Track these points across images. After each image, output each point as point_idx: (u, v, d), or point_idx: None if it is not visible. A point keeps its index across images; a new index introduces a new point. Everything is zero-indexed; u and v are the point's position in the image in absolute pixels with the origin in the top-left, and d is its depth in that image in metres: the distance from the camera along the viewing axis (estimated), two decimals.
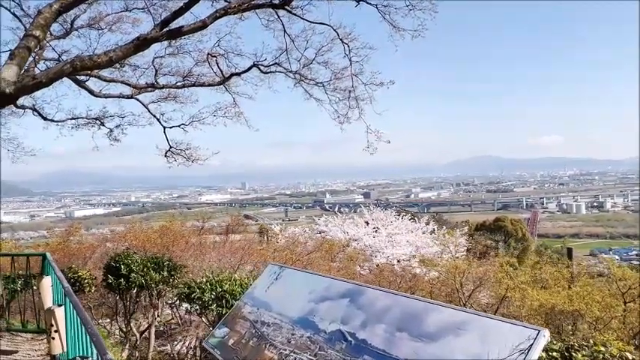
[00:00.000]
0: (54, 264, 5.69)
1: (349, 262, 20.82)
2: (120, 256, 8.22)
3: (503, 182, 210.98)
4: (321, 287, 4.39)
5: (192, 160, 10.46)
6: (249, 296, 5.16)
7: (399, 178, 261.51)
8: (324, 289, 4.32)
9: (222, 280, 6.45)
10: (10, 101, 6.54)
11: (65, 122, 10.63)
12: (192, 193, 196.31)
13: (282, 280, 4.98)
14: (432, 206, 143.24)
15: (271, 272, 5.25)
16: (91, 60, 6.47)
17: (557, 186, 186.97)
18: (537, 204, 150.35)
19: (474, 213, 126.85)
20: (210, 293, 6.27)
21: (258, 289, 5.13)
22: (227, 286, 6.25)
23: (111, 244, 14.69)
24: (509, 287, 10.77)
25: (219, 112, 10.44)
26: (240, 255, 12.50)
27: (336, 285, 4.29)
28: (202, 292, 6.33)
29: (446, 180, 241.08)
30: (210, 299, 6.18)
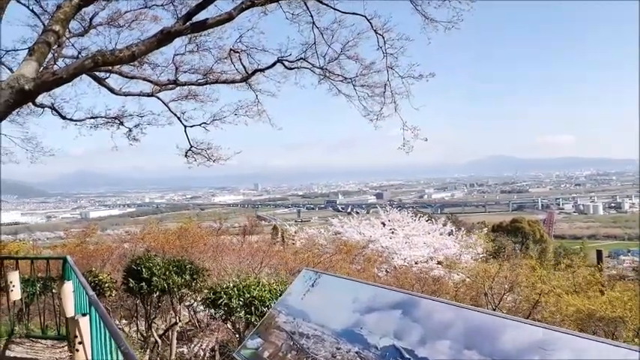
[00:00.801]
0: (75, 268, 5.40)
1: (367, 264, 20.40)
2: (141, 259, 7.94)
3: (517, 183, 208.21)
4: (365, 296, 4.01)
5: (214, 160, 10.16)
6: (283, 304, 4.80)
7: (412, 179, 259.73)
8: (370, 298, 3.93)
9: (250, 286, 6.11)
10: (30, 98, 6.31)
11: (84, 121, 10.43)
12: (206, 194, 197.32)
13: (320, 287, 4.61)
14: (445, 207, 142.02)
15: (306, 278, 4.88)
16: (113, 55, 6.19)
17: (574, 186, 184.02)
18: (553, 205, 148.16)
19: (489, 214, 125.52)
20: (238, 299, 5.93)
21: (293, 297, 4.77)
22: (256, 291, 5.90)
23: (129, 245, 14.50)
24: (543, 292, 10.27)
25: (240, 110, 10.14)
26: (260, 257, 12.18)
27: (383, 294, 3.91)
28: (229, 297, 6.00)
29: (459, 181, 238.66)
30: (238, 306, 5.85)
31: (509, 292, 11.18)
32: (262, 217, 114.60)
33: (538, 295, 10.43)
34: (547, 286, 10.39)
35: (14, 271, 6.46)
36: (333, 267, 12.75)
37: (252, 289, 6.03)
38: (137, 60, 6.55)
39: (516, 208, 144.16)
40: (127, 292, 8.60)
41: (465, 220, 74.92)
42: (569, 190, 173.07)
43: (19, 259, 7.11)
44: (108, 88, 9.05)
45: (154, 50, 6.45)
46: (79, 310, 5.09)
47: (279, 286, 6.21)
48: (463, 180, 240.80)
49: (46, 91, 6.56)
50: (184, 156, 10.42)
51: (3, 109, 6.19)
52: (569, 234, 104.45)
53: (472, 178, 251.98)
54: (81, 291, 5.10)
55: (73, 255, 13.58)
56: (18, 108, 7.71)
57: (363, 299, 3.98)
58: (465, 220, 74.92)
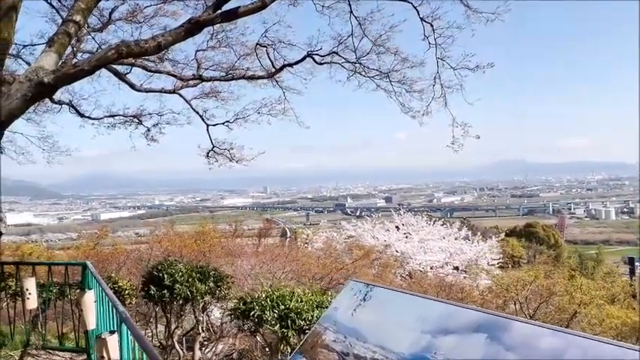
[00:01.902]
0: (98, 276, 4.94)
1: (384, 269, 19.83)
2: (162, 265, 7.48)
3: (528, 187, 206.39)
4: (433, 314, 3.48)
5: (237, 161, 9.69)
6: (329, 319, 4.28)
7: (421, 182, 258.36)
8: (441, 317, 3.41)
9: (284, 296, 5.60)
10: (49, 92, 5.89)
11: (102, 120, 10.03)
12: (215, 197, 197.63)
13: (373, 301, 4.09)
14: (455, 211, 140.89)
15: (355, 291, 4.36)
16: (138, 45, 5.74)
17: (585, 191, 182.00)
18: (564, 209, 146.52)
19: (499, 218, 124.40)
20: (272, 311, 5.43)
21: (341, 311, 4.25)
22: (292, 303, 5.39)
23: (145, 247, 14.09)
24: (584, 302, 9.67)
25: (263, 108, 9.68)
26: (281, 262, 11.68)
27: (456, 312, 3.38)
28: (262, 309, 5.50)
29: (469, 184, 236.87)
30: (272, 319, 5.34)
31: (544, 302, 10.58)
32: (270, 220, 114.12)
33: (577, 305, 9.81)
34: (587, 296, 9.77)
35: (30, 277, 6.01)
36: (357, 273, 12.22)
37: (287, 300, 5.53)
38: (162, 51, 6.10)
39: (527, 212, 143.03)
40: (146, 298, 8.15)
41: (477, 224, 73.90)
42: (581, 195, 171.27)
43: (35, 264, 6.69)
44: (128, 84, 8.64)
45: (181, 41, 6.00)
46: (102, 324, 4.63)
47: (315, 297, 5.70)
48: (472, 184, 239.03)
49: (67, 85, 6.12)
50: (205, 156, 9.98)
51: (21, 103, 5.77)
52: (580, 239, 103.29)
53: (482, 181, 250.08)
54: (104, 301, 4.64)
55: (88, 258, 13.22)
56: (36, 103, 7.32)
57: (430, 317, 3.45)
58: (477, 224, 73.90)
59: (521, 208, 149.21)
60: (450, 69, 6.53)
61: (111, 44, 5.80)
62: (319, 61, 7.96)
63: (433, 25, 6.37)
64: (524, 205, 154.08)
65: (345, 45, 7.48)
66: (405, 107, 7.61)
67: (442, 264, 32.43)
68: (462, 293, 13.60)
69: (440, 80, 6.80)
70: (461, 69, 6.50)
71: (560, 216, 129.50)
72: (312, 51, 7.82)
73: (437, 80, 6.82)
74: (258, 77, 8.59)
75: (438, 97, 6.95)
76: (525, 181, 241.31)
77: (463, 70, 6.46)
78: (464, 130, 6.95)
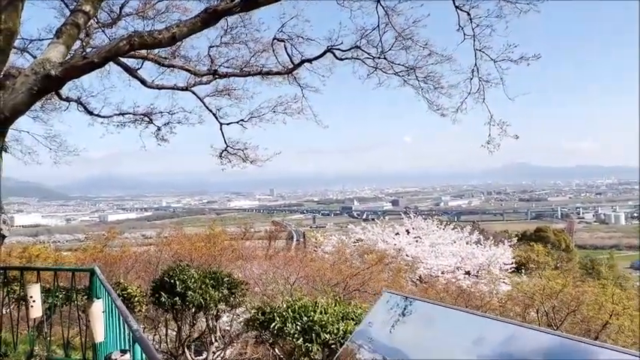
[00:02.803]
0: (107, 284, 4.53)
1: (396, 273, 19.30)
2: (174, 271, 7.07)
3: (536, 191, 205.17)
4: (490, 335, 3.03)
5: (251, 162, 9.27)
6: (363, 336, 3.84)
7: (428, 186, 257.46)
8: (499, 336, 2.95)
9: (307, 307, 5.16)
10: (56, 86, 5.52)
11: (111, 118, 9.66)
12: (222, 199, 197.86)
13: (414, 316, 3.64)
14: (462, 214, 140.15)
15: (391, 304, 3.91)
16: (151, 36, 5.34)
17: (595, 195, 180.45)
18: (573, 214, 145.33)
19: (507, 222, 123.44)
20: (294, 323, 4.99)
21: (378, 328, 3.80)
22: (317, 315, 4.95)
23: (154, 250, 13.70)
24: (616, 312, 9.14)
25: (279, 107, 9.26)
26: (294, 267, 11.23)
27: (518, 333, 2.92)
28: (283, 321, 5.06)
29: (476, 188, 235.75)
30: (295, 331, 4.90)
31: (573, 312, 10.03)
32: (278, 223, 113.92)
33: (609, 315, 9.27)
34: (619, 306, 9.23)
35: (35, 283, 5.62)
36: (372, 279, 11.75)
37: (310, 311, 5.08)
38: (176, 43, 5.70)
39: (535, 216, 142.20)
40: (156, 305, 7.74)
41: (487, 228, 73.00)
42: (590, 199, 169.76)
43: (41, 269, 6.29)
44: (140, 80, 8.26)
45: (196, 32, 5.60)
46: (111, 338, 4.22)
47: (339, 308, 5.26)
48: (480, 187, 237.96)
49: (75, 78, 5.74)
50: (218, 157, 9.57)
51: (26, 98, 5.40)
52: (590, 244, 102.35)
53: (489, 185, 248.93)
54: (114, 312, 4.24)
55: (96, 261, 12.86)
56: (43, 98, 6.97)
57: (488, 337, 3.00)
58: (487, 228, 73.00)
59: (529, 212, 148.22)
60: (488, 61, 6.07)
61: (122, 35, 5.41)
62: (340, 57, 7.54)
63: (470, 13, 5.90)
64: (533, 209, 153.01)
65: (369, 39, 7.06)
66: (434, 104, 7.15)
67: (453, 268, 31.83)
68: (481, 300, 13.05)
69: (478, 74, 6.31)
70: (502, 61, 6.02)
71: (569, 220, 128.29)
72: (332, 46, 7.39)
73: (475, 74, 6.34)
74: (276, 73, 8.18)
75: (474, 92, 6.48)
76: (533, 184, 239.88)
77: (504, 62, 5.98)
78: (501, 128, 6.45)
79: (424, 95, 7.12)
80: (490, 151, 6.60)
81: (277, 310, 5.30)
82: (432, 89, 7.05)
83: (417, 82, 7.11)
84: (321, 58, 7.72)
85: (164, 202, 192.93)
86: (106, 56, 5.27)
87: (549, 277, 10.60)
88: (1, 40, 5.60)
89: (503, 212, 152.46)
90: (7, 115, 5.43)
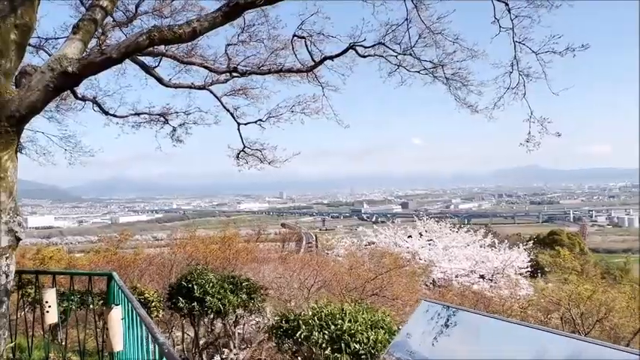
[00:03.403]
0: (126, 290, 4.30)
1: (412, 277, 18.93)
2: (192, 275, 6.84)
3: (548, 194, 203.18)
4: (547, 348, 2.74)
5: (270, 162, 9.03)
6: (401, 348, 3.56)
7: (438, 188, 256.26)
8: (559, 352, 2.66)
9: (334, 314, 4.88)
10: (74, 82, 5.31)
11: (126, 118, 9.49)
12: (232, 201, 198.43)
13: (460, 328, 3.35)
14: (472, 217, 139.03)
15: (431, 314, 3.63)
16: (171, 31, 5.11)
17: (607, 198, 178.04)
18: (586, 217, 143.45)
19: (518, 225, 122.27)
20: (321, 332, 4.71)
21: (418, 339, 3.52)
22: (346, 323, 4.67)
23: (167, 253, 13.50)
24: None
25: (296, 107, 9.01)
26: (310, 270, 10.94)
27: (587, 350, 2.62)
28: (310, 329, 4.79)
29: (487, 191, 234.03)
30: (322, 341, 4.62)
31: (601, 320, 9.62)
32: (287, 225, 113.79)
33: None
34: None
35: (51, 288, 5.41)
36: (392, 284, 11.42)
37: (338, 319, 4.80)
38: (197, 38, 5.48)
39: (546, 219, 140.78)
40: (172, 309, 7.53)
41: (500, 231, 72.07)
42: (603, 202, 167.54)
43: (57, 273, 6.09)
44: (156, 78, 8.07)
45: (217, 27, 5.35)
46: (131, 347, 3.98)
47: (367, 315, 4.98)
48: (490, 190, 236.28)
49: (93, 74, 5.54)
50: (235, 157, 9.33)
51: (43, 95, 5.20)
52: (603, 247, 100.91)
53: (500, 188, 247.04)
54: (135, 320, 4.00)
55: (109, 264, 12.72)
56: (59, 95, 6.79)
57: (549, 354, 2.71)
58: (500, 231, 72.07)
59: (541, 215, 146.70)
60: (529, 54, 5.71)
61: (142, 29, 5.19)
62: (362, 54, 7.27)
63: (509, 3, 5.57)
64: (544, 212, 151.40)
65: (395, 34, 6.76)
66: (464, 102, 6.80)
67: (467, 272, 31.33)
68: (502, 306, 12.67)
69: (518, 67, 5.96)
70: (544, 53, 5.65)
71: (581, 223, 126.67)
72: (355, 42, 7.12)
73: (514, 67, 5.99)
74: (296, 71, 7.93)
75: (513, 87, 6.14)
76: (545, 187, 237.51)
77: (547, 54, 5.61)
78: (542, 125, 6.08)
79: (452, 92, 6.82)
80: (529, 150, 6.23)
81: (302, 317, 5.02)
82: (460, 86, 6.77)
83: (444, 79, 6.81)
84: (342, 56, 7.45)
85: (174, 205, 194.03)
86: (125, 52, 5.06)
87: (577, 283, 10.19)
88: (18, 35, 5.41)
89: (515, 215, 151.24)
90: (23, 113, 5.24)
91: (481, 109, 6.70)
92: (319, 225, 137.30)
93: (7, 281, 5.11)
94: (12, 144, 5.27)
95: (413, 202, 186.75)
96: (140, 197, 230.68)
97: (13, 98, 5.19)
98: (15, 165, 5.38)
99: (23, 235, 5.34)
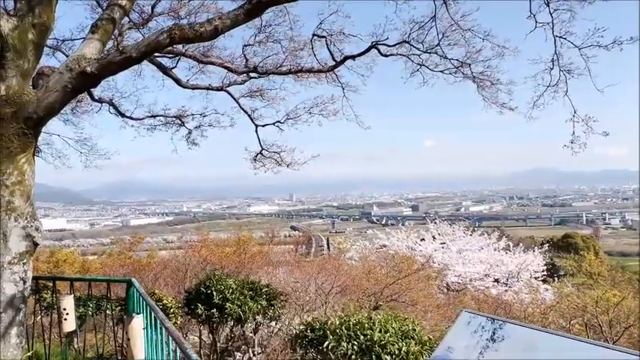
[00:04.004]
0: (148, 299, 4.11)
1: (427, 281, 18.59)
2: (210, 280, 6.65)
3: (560, 196, 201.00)
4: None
5: (288, 165, 8.82)
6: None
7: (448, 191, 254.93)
8: None
9: (363, 324, 4.65)
10: (92, 83, 5.17)
11: (142, 120, 9.35)
12: (241, 204, 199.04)
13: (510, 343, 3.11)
14: (483, 220, 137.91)
15: (474, 326, 3.39)
16: (192, 29, 4.95)
17: (621, 200, 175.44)
18: (599, 219, 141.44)
19: (529, 228, 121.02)
20: (350, 342, 4.49)
21: (460, 353, 3.28)
22: (376, 333, 4.44)
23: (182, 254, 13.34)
24: None
25: (315, 108, 8.81)
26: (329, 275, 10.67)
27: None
28: (338, 339, 4.56)
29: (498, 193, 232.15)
30: (352, 352, 4.40)
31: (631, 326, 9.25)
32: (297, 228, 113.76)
33: None
34: None
35: (68, 295, 5.25)
36: (412, 289, 11.13)
37: (367, 329, 4.57)
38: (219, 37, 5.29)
39: (559, 222, 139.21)
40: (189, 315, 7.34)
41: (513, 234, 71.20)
42: (616, 205, 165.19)
43: (74, 280, 5.93)
44: (174, 79, 7.92)
45: (239, 25, 5.19)
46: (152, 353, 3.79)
47: (397, 324, 4.75)
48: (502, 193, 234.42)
49: (112, 75, 5.40)
50: (253, 160, 9.16)
51: (61, 96, 5.06)
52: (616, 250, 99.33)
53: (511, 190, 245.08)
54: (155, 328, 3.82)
55: (123, 267, 12.62)
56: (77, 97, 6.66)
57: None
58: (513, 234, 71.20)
59: (553, 218, 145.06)
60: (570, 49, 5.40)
61: (162, 27, 5.03)
62: (385, 53, 7.04)
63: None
64: (556, 215, 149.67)
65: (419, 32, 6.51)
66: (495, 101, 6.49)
67: (482, 276, 30.84)
68: (524, 312, 12.29)
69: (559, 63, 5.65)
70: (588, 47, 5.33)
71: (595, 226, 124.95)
72: (377, 41, 6.89)
73: (555, 63, 5.68)
74: (317, 71, 7.72)
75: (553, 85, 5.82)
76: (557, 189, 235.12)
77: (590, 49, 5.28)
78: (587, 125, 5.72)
79: (481, 92, 6.54)
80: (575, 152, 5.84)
81: (329, 326, 4.80)
82: (488, 85, 6.50)
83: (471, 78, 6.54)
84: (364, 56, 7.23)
85: (184, 207, 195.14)
86: (145, 50, 4.90)
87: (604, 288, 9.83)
88: (36, 35, 5.29)
89: (526, 218, 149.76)
90: (41, 114, 5.10)
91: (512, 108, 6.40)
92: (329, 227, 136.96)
93: (25, 287, 4.96)
94: (30, 146, 5.13)
95: (423, 204, 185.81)
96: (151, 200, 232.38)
97: (31, 99, 5.06)
98: (32, 168, 5.23)
99: (40, 240, 5.19)
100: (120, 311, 6.29)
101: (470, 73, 6.54)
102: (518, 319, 12.11)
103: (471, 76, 6.56)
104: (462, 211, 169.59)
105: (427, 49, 6.75)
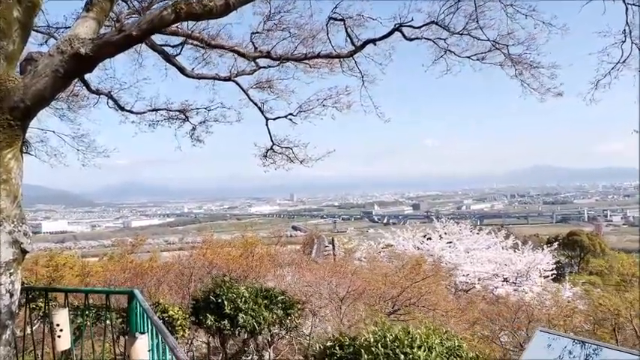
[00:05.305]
0: (153, 316, 3.48)
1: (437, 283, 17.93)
2: (221, 288, 6.01)
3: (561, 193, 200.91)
4: None
5: (301, 161, 8.17)
6: None
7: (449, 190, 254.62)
8: None
9: (401, 340, 4.01)
10: (87, 67, 4.50)
11: (144, 115, 8.70)
12: (242, 205, 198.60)
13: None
14: (485, 218, 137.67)
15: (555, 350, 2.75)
16: (200, 4, 4.29)
17: (623, 197, 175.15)
18: (600, 216, 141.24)
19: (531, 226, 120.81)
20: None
21: None
22: (419, 352, 3.80)
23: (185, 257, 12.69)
24: None
25: (328, 100, 8.16)
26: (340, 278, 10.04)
27: None
28: (373, 358, 3.93)
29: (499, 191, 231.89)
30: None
31: None
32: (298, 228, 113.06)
33: None
34: None
35: (62, 308, 4.61)
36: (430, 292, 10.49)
37: (406, 346, 3.94)
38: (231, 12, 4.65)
39: (560, 219, 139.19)
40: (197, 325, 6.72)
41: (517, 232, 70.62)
42: (618, 202, 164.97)
43: (69, 291, 5.28)
44: (178, 68, 7.27)
45: (253, 0, 4.56)
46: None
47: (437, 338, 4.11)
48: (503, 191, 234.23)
49: (109, 57, 4.77)
50: (263, 156, 8.51)
51: (51, 82, 4.39)
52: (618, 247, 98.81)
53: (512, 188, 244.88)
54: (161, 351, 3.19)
55: (125, 272, 11.98)
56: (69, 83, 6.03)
57: None
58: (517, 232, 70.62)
59: (555, 215, 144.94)
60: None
61: (166, 2, 4.39)
62: (409, 36, 6.40)
63: None
64: (558, 212, 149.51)
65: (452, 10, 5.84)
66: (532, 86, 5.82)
67: (491, 275, 30.23)
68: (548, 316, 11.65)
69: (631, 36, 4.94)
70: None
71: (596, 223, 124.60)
72: (402, 23, 6.24)
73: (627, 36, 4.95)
74: (335, 56, 7.08)
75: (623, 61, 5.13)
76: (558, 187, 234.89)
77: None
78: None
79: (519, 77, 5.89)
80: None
81: (362, 343, 4.16)
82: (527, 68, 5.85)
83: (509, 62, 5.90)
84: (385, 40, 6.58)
85: (186, 208, 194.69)
86: (147, 28, 4.25)
87: None
88: (22, 13, 4.61)
89: (528, 215, 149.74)
90: (29, 103, 4.43)
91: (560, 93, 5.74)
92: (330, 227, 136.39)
93: (12, 302, 4.30)
94: (16, 140, 4.45)
95: (424, 203, 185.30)
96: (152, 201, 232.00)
97: (16, 86, 4.37)
98: (20, 165, 4.56)
99: (30, 246, 4.55)
100: (121, 323, 5.69)
101: (505, 56, 5.90)
102: (539, 323, 11.48)
103: (507, 59, 5.91)
104: (464, 209, 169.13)
105: (459, 31, 6.10)
